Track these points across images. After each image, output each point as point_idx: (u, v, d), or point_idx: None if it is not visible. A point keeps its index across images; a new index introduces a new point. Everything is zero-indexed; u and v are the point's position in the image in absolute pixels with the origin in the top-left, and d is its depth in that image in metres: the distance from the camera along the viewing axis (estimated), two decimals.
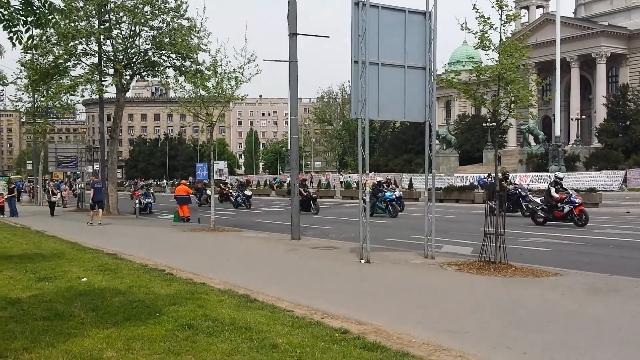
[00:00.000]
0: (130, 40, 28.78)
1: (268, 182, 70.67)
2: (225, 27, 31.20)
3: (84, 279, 10.11)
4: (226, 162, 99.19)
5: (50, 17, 6.48)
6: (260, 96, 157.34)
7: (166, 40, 27.86)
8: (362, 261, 12.37)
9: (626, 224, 21.38)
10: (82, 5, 27.51)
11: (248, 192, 36.46)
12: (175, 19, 28.08)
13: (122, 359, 5.72)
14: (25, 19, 6.34)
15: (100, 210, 23.91)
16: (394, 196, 26.38)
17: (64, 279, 10.19)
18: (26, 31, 6.45)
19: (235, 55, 19.30)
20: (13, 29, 6.36)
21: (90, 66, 29.18)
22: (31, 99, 35.56)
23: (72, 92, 29.84)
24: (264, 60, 26.35)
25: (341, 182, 58.16)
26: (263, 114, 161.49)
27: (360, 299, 8.94)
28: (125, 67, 28.98)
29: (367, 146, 12.29)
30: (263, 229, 21.04)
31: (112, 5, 27.96)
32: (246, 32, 19.43)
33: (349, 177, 65.30)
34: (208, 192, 35.56)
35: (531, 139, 63.65)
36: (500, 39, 11.32)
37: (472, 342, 6.47)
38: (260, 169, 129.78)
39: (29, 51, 28.54)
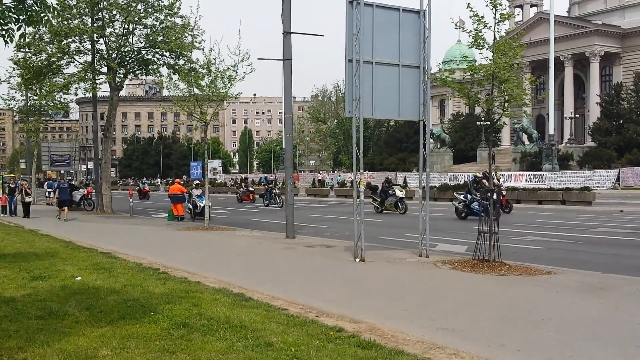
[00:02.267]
0: (124, 38, 28.69)
1: (261, 181, 70.67)
2: (219, 26, 31.17)
3: (79, 278, 10.09)
4: (220, 161, 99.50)
5: (42, 15, 6.44)
6: (255, 95, 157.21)
7: (160, 38, 27.81)
8: (357, 260, 12.38)
9: (619, 223, 21.46)
10: (75, 3, 27.40)
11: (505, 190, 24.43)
12: (168, 17, 28.00)
13: (116, 358, 5.71)
14: (17, 17, 6.30)
15: (66, 208, 26.23)
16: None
17: (58, 277, 10.16)
18: (18, 29, 6.42)
19: (229, 53, 19.33)
20: (4, 27, 6.32)
21: (84, 64, 29.07)
22: (24, 97, 35.39)
23: (66, 91, 29.69)
24: (258, 58, 26.24)
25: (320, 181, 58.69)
26: (257, 113, 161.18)
27: (354, 297, 8.94)
28: (118, 66, 28.89)
29: (361, 145, 12.31)
30: (257, 228, 21.02)
31: (104, 3, 27.85)
32: (240, 31, 19.45)
33: (339, 175, 65.62)
34: (398, 193, 27.22)
35: (525, 137, 63.87)
36: (494, 38, 11.34)
37: (467, 340, 6.49)
38: (255, 168, 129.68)
39: (21, 49, 28.40)
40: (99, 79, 29.74)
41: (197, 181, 33.43)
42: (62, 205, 26.17)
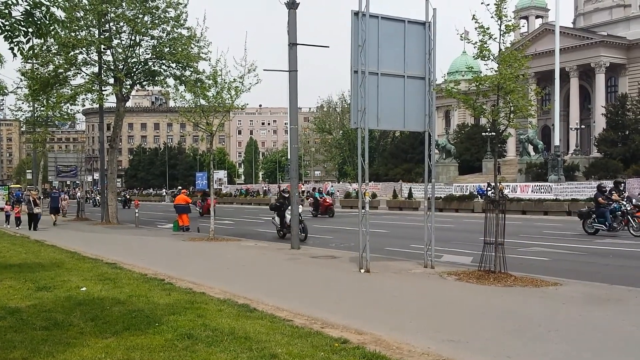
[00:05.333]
0: (131, 49, 28.88)
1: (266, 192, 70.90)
2: (225, 37, 31.33)
3: (83, 289, 10.09)
4: (226, 172, 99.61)
5: (51, 28, 6.50)
6: (260, 105, 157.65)
7: (166, 49, 27.97)
8: (362, 271, 12.35)
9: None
10: (82, 15, 27.59)
11: None
12: (175, 29, 28.20)
13: None
14: (26, 30, 6.36)
15: (57, 214, 30.87)
16: None
17: (63, 288, 10.17)
18: (27, 42, 6.48)
19: (235, 64, 19.40)
20: (14, 40, 6.38)
21: (91, 76, 29.25)
22: (31, 108, 35.59)
23: (73, 102, 29.86)
24: (263, 70, 26.53)
25: (309, 192, 58.31)
26: (263, 124, 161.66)
27: (360, 308, 8.92)
28: (125, 77, 29.03)
29: (366, 156, 12.31)
30: (262, 238, 21.02)
31: (112, 15, 28.05)
32: (246, 42, 19.57)
33: (332, 186, 65.76)
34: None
35: (530, 148, 63.71)
36: (500, 49, 11.36)
37: (472, 352, 6.46)
38: (260, 178, 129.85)
39: (29, 61, 28.61)
40: (106, 90, 29.96)
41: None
42: (52, 211, 30.59)
